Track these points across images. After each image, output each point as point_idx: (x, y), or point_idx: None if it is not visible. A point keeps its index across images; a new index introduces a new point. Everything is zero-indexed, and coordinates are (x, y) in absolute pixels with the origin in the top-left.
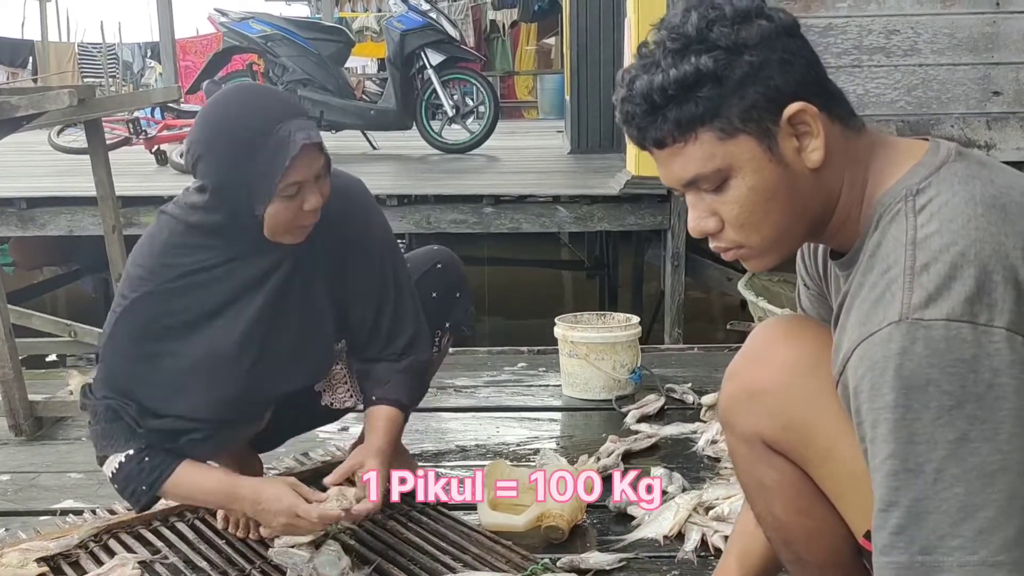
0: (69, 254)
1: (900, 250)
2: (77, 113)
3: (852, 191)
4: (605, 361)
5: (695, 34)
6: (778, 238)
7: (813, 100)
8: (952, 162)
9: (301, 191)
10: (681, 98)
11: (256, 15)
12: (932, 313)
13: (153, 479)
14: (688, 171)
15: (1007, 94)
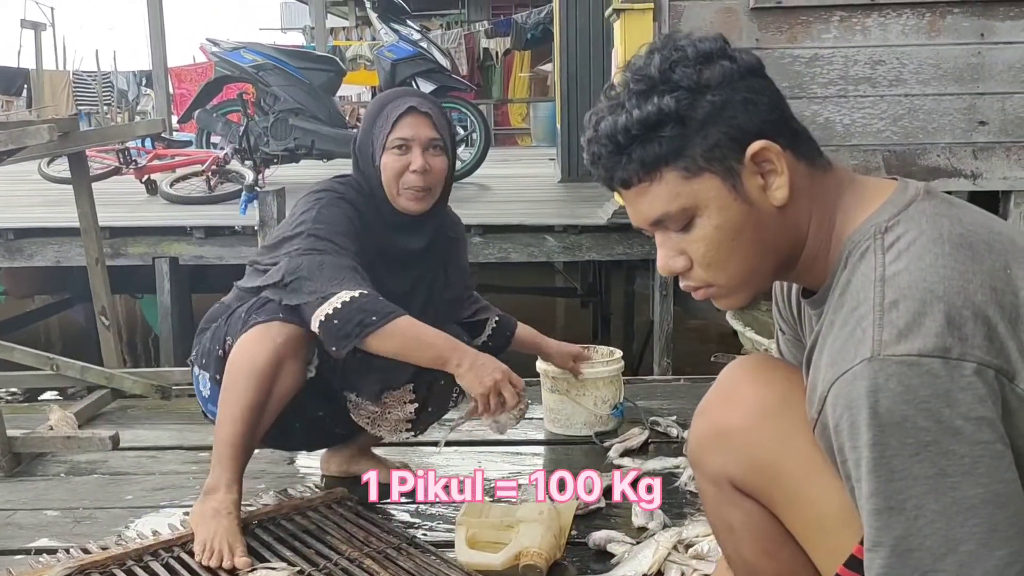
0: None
1: (869, 287)
2: (60, 146)
3: (820, 229)
4: (586, 397)
5: (658, 75)
6: (746, 276)
7: (777, 138)
8: (920, 201)
9: (408, 150)
10: (645, 138)
11: (248, 45)
12: (903, 349)
13: (388, 311)
14: (654, 210)
15: (993, 124)
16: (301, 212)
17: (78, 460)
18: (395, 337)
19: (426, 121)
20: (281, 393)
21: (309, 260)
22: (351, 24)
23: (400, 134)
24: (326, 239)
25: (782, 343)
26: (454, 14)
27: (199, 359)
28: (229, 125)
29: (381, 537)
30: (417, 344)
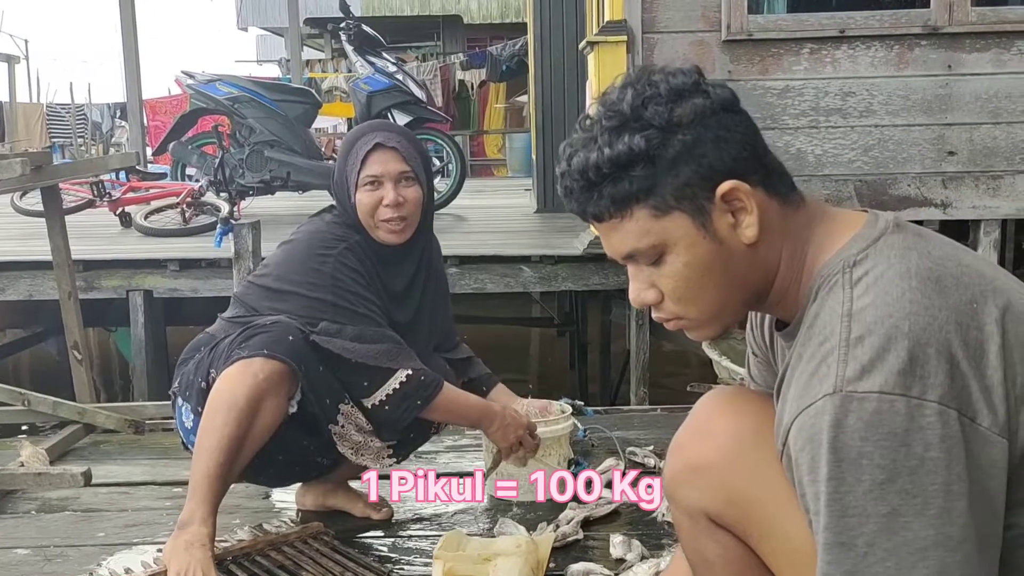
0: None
1: (836, 322)
2: (33, 180)
3: (792, 263)
4: (551, 456)
5: (630, 112)
6: (716, 311)
7: (749, 177)
8: (890, 234)
9: (380, 185)
10: (615, 176)
11: (223, 77)
12: (865, 386)
13: (431, 392)
14: (625, 245)
15: (961, 154)
16: (314, 266)
17: (49, 497)
18: (438, 411)
19: (394, 155)
20: (261, 429)
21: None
22: (327, 56)
23: (369, 171)
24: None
25: (753, 366)
26: (429, 46)
27: (182, 391)
28: (204, 157)
29: (357, 572)
30: (458, 412)
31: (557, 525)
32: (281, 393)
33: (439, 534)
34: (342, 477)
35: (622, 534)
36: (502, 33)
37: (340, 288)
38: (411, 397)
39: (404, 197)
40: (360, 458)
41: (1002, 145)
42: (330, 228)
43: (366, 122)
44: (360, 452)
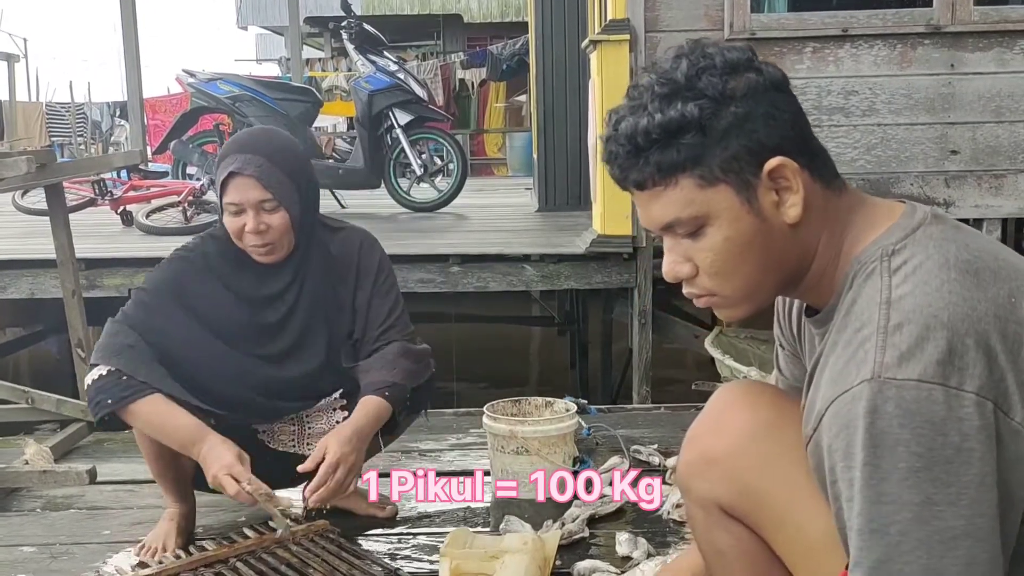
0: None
1: (874, 309)
2: (37, 178)
3: (829, 249)
4: (556, 454)
5: (684, 81)
6: (750, 289)
7: (795, 156)
8: (928, 225)
9: (243, 213)
10: (664, 143)
11: (224, 76)
12: (904, 373)
13: (126, 395)
14: (666, 215)
15: (964, 153)
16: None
17: (54, 495)
18: (138, 418)
19: (251, 183)
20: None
21: (110, 324)
22: (327, 55)
23: (229, 199)
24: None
25: (781, 360)
26: (430, 45)
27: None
28: (205, 156)
29: (364, 570)
30: (160, 428)
31: (563, 523)
32: None
33: (445, 531)
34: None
35: (628, 532)
36: (502, 32)
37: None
38: (103, 392)
39: (266, 224)
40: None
41: (1005, 144)
42: (201, 237)
43: (234, 139)
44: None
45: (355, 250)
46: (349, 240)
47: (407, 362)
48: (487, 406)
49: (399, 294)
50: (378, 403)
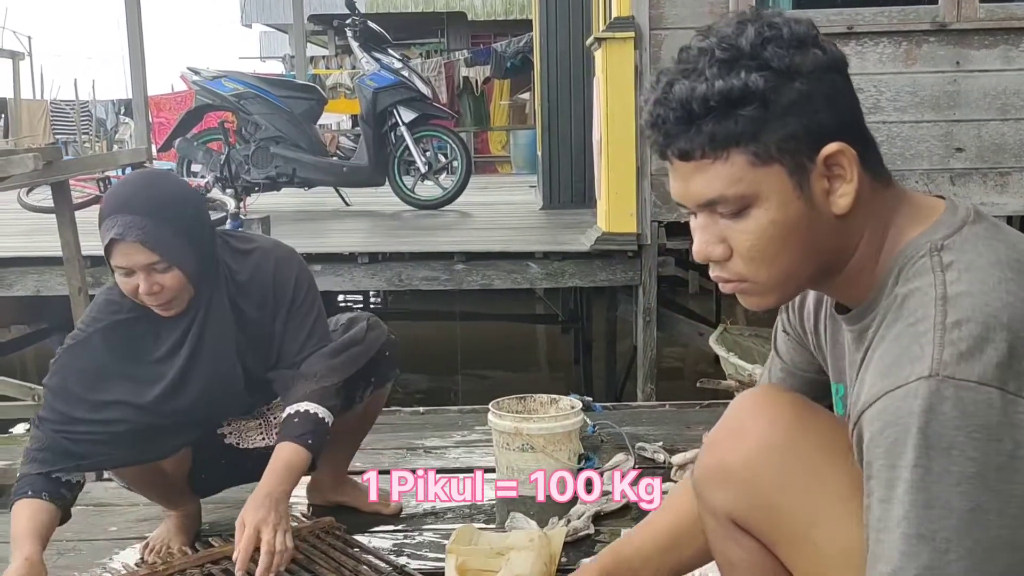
0: (38, 313)
1: (930, 305)
2: (43, 175)
3: (871, 244)
4: (562, 451)
5: (748, 49)
6: (785, 278)
7: (852, 143)
8: (972, 223)
9: (134, 275)
10: (722, 113)
11: (229, 73)
12: (963, 373)
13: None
14: (711, 191)
15: (969, 150)
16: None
17: None
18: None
19: (136, 248)
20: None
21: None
22: (330, 53)
23: (116, 263)
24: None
25: (782, 343)
26: (433, 43)
27: None
28: (210, 153)
29: (370, 565)
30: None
31: (569, 520)
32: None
33: (451, 528)
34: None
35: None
36: (506, 30)
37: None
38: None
39: (159, 285)
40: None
41: (1010, 142)
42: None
43: (113, 195)
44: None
45: (268, 273)
46: (261, 263)
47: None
48: (492, 403)
49: (319, 310)
50: (291, 453)
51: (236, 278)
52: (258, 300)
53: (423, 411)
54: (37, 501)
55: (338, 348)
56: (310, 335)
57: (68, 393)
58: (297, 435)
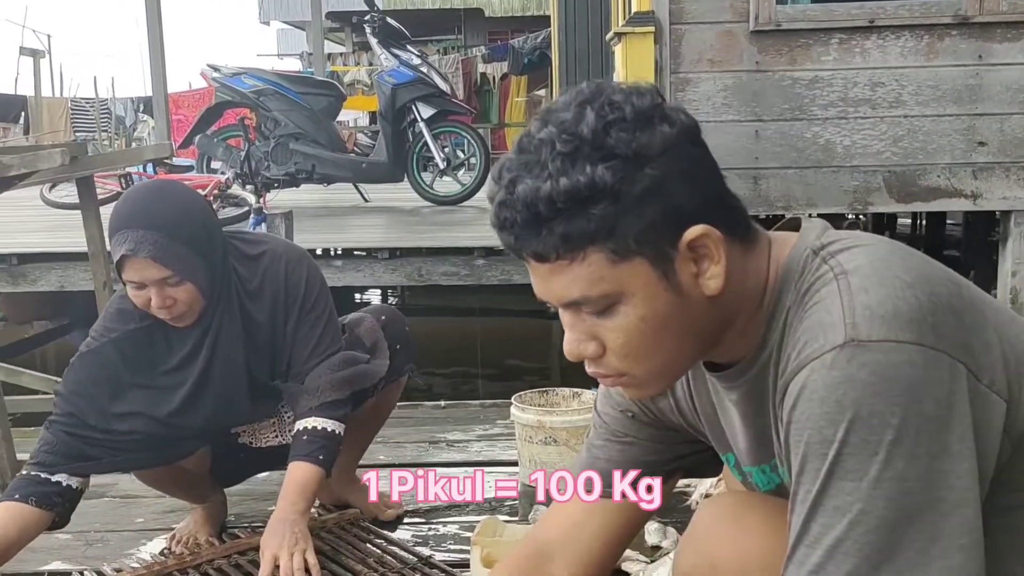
0: (59, 308)
1: (831, 284)
2: (69, 171)
3: (752, 301)
4: (582, 444)
5: (591, 137)
6: (666, 367)
7: (715, 220)
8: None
9: (145, 289)
10: (571, 213)
11: (248, 70)
12: (880, 334)
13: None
14: (571, 292)
15: (992, 144)
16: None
17: None
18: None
19: (147, 263)
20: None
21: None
22: (348, 50)
23: (128, 278)
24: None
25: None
26: (451, 39)
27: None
28: (230, 150)
29: (396, 557)
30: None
31: None
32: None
33: (474, 521)
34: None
35: (657, 521)
36: (523, 26)
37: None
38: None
39: (172, 298)
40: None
41: None
42: (108, 315)
43: (122, 208)
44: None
45: (279, 278)
46: (271, 267)
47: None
48: (515, 397)
49: (329, 314)
50: (303, 473)
51: (247, 286)
52: (269, 306)
53: (445, 405)
54: (18, 505)
55: (346, 360)
56: (319, 342)
57: (81, 400)
58: (307, 453)
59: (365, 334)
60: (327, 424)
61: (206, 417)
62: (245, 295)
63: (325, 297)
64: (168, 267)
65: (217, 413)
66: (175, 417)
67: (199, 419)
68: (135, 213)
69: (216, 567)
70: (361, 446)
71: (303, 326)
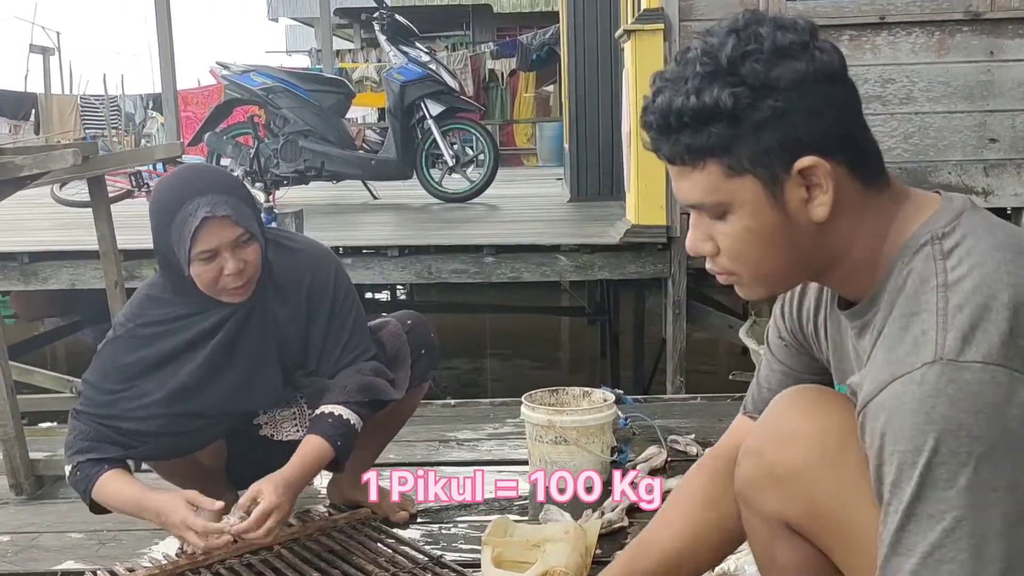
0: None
1: (931, 293)
2: (80, 170)
3: (869, 241)
4: (595, 444)
5: (726, 63)
6: (770, 275)
7: (834, 155)
8: (969, 212)
9: (217, 257)
10: (694, 128)
11: (257, 67)
12: (968, 355)
13: (85, 486)
14: (693, 195)
15: (1003, 141)
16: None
17: None
18: (105, 503)
19: (225, 223)
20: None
21: (70, 420)
22: (356, 47)
23: (203, 247)
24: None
25: (778, 349)
26: (459, 36)
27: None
28: (239, 148)
29: (407, 556)
30: (118, 507)
31: (603, 512)
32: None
33: (485, 520)
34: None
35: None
36: (531, 22)
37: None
38: (75, 488)
39: (245, 260)
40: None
41: None
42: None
43: (177, 179)
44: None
45: (303, 281)
46: (299, 268)
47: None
48: (525, 396)
49: (356, 316)
50: (319, 448)
51: (275, 280)
52: (291, 306)
53: (455, 404)
54: (119, 470)
55: (376, 370)
56: (347, 345)
57: (107, 387)
58: (328, 434)
59: (388, 339)
60: (351, 416)
61: (231, 395)
62: (272, 289)
63: (352, 300)
64: (241, 224)
65: (243, 392)
66: (200, 397)
67: (224, 396)
68: (195, 182)
69: (228, 567)
70: (376, 449)
71: (332, 329)
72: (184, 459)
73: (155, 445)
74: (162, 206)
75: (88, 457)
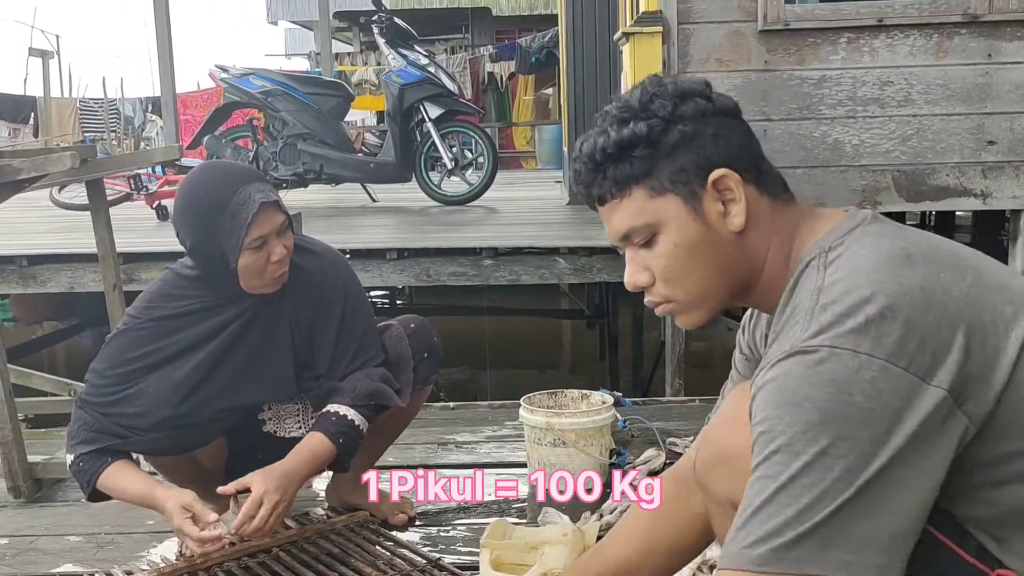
0: (69, 309)
1: (808, 298)
2: (79, 174)
3: (778, 256)
4: (593, 446)
5: (638, 106)
6: (702, 295)
7: (741, 171)
8: (867, 224)
9: (266, 244)
10: (618, 157)
11: (256, 71)
12: (817, 341)
13: (89, 477)
14: (623, 225)
15: (1001, 143)
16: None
17: None
18: (110, 492)
19: (275, 208)
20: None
21: (74, 410)
22: (355, 50)
23: (258, 233)
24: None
25: (740, 363)
26: (458, 39)
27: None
28: (238, 151)
29: (406, 559)
30: (124, 497)
31: (601, 515)
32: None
33: (483, 523)
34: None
35: None
36: (531, 25)
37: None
38: (77, 477)
39: (287, 247)
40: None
41: None
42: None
43: (215, 173)
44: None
45: (318, 277)
46: (314, 264)
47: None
48: (524, 398)
49: (366, 322)
50: (321, 444)
51: (290, 276)
52: (304, 303)
53: (454, 406)
54: (125, 462)
55: (384, 377)
56: (357, 352)
57: (114, 378)
58: (331, 431)
59: (390, 343)
60: (356, 417)
61: (238, 387)
62: (287, 282)
63: (364, 307)
64: (283, 212)
65: (250, 384)
66: (205, 387)
67: (229, 389)
68: (236, 174)
69: (226, 569)
70: (376, 452)
71: (344, 330)
72: (184, 458)
73: (159, 438)
74: (208, 202)
75: (93, 448)
